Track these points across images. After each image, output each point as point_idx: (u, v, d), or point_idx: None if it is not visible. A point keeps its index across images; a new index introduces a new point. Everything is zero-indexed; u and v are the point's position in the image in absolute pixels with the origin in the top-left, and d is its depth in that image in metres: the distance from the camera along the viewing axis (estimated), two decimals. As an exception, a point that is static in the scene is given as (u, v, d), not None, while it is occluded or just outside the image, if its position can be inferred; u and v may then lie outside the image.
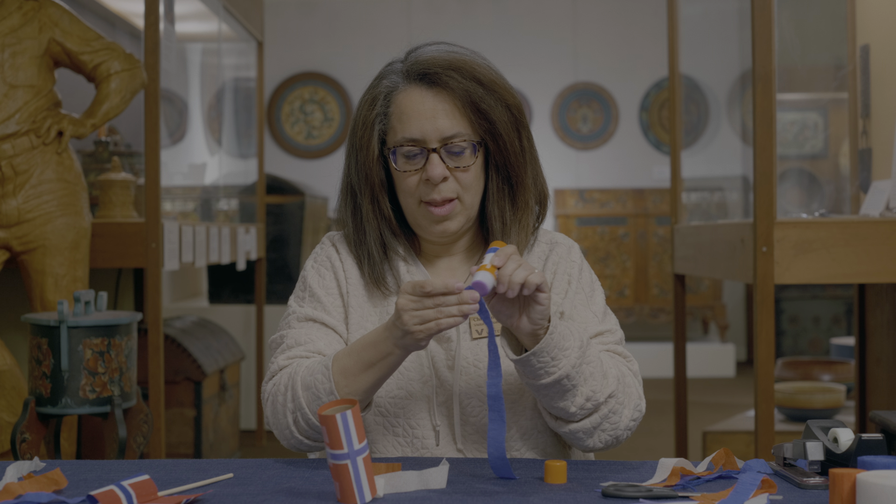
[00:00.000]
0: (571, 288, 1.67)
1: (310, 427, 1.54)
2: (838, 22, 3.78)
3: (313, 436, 1.55)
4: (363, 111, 1.64)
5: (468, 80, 1.58)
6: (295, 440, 1.56)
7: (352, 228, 1.68)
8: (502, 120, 1.60)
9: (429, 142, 1.58)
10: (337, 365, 1.51)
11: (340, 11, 8.37)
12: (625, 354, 1.63)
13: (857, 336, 3.67)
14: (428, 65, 1.60)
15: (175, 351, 4.14)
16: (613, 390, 1.53)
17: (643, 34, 8.27)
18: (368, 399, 1.55)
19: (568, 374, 1.47)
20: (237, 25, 5.19)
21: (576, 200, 7.84)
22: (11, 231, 3.07)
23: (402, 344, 1.46)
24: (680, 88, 4.03)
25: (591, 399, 1.51)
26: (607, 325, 1.66)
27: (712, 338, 8.07)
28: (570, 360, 1.47)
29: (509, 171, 1.63)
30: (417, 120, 1.58)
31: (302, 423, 1.54)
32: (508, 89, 1.62)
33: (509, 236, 1.65)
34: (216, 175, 5.59)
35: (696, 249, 3.52)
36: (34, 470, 1.43)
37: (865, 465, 1.26)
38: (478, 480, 1.41)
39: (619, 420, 1.55)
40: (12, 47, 3.08)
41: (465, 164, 1.59)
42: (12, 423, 2.99)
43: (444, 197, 1.59)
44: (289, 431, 1.56)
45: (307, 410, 1.52)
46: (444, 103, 1.59)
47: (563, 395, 1.50)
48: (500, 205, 1.65)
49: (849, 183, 3.67)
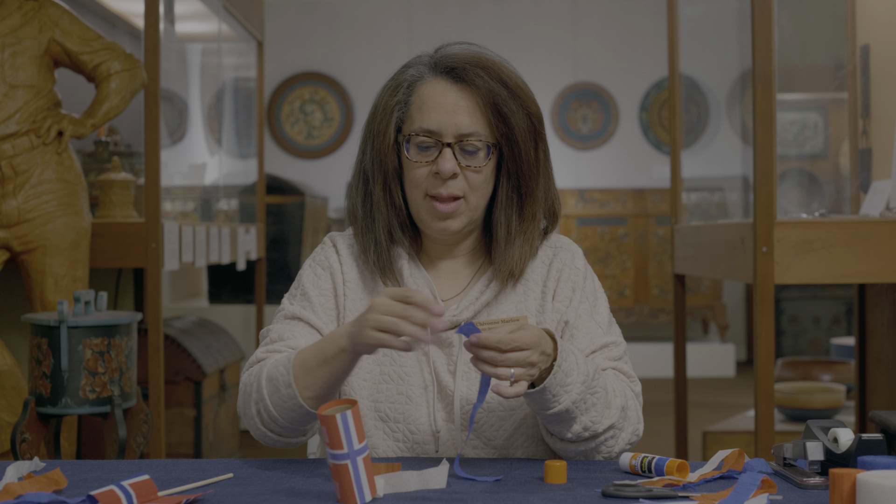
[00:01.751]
0: (576, 296, 1.65)
1: (271, 419, 1.52)
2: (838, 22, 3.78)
3: (275, 428, 1.53)
4: (384, 97, 1.63)
5: (494, 80, 1.58)
6: (259, 432, 1.55)
7: (361, 215, 1.66)
8: (521, 126, 1.59)
9: (444, 135, 1.57)
10: (299, 358, 1.49)
11: (340, 11, 8.37)
12: (629, 374, 1.62)
13: (857, 336, 3.67)
14: (457, 60, 1.59)
15: (175, 351, 4.14)
16: (614, 422, 1.52)
17: (643, 34, 8.27)
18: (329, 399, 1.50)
19: (568, 408, 1.47)
20: (237, 25, 5.19)
21: (576, 200, 7.84)
22: (11, 231, 3.07)
23: (354, 342, 1.42)
24: (680, 88, 4.03)
25: (589, 429, 1.51)
26: (612, 337, 1.65)
27: (712, 338, 8.07)
28: (572, 395, 1.46)
29: (520, 180, 1.62)
30: (437, 112, 1.57)
31: (264, 414, 1.52)
32: (532, 98, 1.61)
33: (512, 246, 1.63)
34: (216, 175, 5.59)
35: (696, 249, 3.52)
36: (34, 470, 1.43)
37: (865, 465, 1.26)
38: (479, 480, 1.41)
39: (614, 444, 1.55)
40: (12, 47, 3.08)
41: (477, 165, 1.58)
42: (12, 423, 2.99)
43: (450, 193, 1.58)
44: (253, 423, 1.55)
45: (268, 402, 1.50)
46: (466, 100, 1.58)
47: (561, 423, 1.50)
48: (507, 213, 1.63)
49: (849, 183, 3.67)
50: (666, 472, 1.40)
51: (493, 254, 1.65)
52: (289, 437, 1.55)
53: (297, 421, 1.51)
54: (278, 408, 1.50)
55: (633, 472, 1.45)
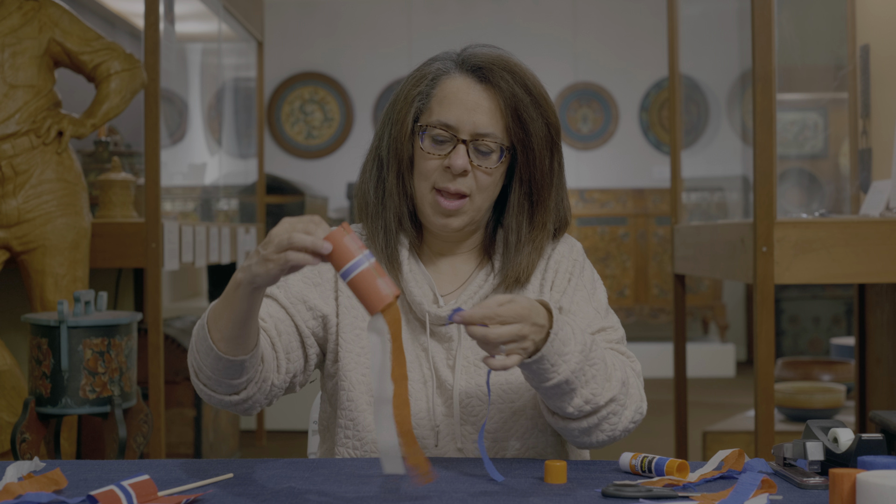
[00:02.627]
0: (571, 285, 1.66)
1: (200, 370, 1.50)
2: (838, 22, 3.78)
3: (206, 381, 1.51)
4: (407, 87, 1.64)
5: (518, 85, 1.59)
6: (198, 388, 1.53)
7: (372, 200, 1.66)
8: (539, 134, 1.60)
9: (461, 132, 1.58)
10: (212, 306, 1.48)
11: (340, 11, 8.37)
12: (627, 354, 1.62)
13: (857, 336, 3.67)
14: (484, 60, 1.61)
15: (175, 351, 4.14)
16: (615, 394, 1.51)
17: (643, 34, 8.27)
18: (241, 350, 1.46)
19: (567, 378, 1.45)
20: (237, 25, 5.19)
21: (576, 200, 7.84)
22: (11, 231, 3.07)
23: (248, 273, 1.36)
24: (680, 88, 4.03)
25: (591, 402, 1.49)
26: (609, 322, 1.65)
27: (712, 338, 8.07)
28: (571, 365, 1.44)
29: (532, 188, 1.62)
30: (457, 108, 1.58)
31: (195, 367, 1.51)
32: (552, 108, 1.63)
33: (521, 253, 1.63)
34: (216, 175, 5.59)
35: (696, 249, 3.52)
36: (34, 470, 1.43)
37: (865, 465, 1.26)
38: (478, 480, 1.41)
39: (618, 422, 1.53)
40: (12, 47, 3.08)
41: (489, 166, 1.58)
42: (12, 423, 2.99)
43: (458, 189, 1.58)
44: (195, 381, 1.54)
45: (196, 353, 1.49)
46: (487, 101, 1.59)
47: (562, 397, 1.48)
48: (518, 219, 1.63)
49: (849, 183, 3.67)
50: (666, 472, 1.40)
51: (503, 259, 1.65)
52: (221, 392, 1.52)
53: (219, 370, 1.48)
54: (202, 356, 1.48)
55: (633, 472, 1.45)
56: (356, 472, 1.45)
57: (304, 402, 5.44)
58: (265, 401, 1.58)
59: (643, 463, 1.43)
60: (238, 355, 1.45)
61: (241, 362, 1.46)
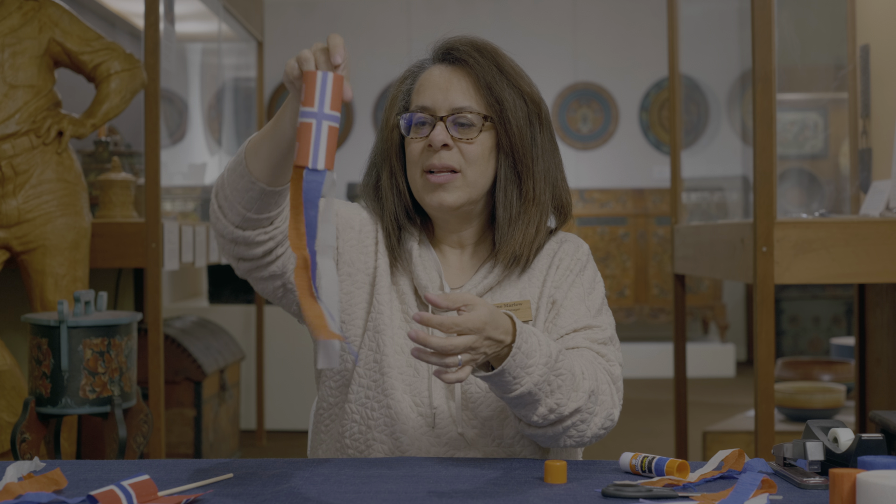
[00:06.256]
0: (568, 281, 1.68)
1: (226, 200, 1.49)
2: (838, 22, 3.78)
3: (229, 214, 1.50)
4: (394, 89, 1.72)
5: (488, 61, 1.64)
6: (218, 222, 1.51)
7: (372, 201, 1.71)
8: (513, 106, 1.63)
9: (438, 110, 1.63)
10: (250, 139, 1.49)
11: (340, 11, 8.37)
12: (608, 357, 1.62)
13: (857, 336, 3.67)
14: (453, 44, 1.67)
15: (175, 351, 4.14)
16: (581, 405, 1.51)
17: (643, 34, 8.27)
18: (276, 179, 1.47)
19: (530, 390, 1.45)
20: (237, 25, 5.19)
21: (576, 200, 7.84)
22: (11, 231, 3.07)
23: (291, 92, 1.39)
24: (680, 88, 4.03)
25: (555, 412, 1.49)
26: (598, 322, 1.66)
27: (712, 338, 8.07)
28: (534, 377, 1.44)
29: (515, 158, 1.65)
30: (432, 90, 1.64)
31: (221, 196, 1.50)
32: (527, 80, 1.67)
33: (515, 227, 1.65)
34: (216, 175, 5.58)
35: (696, 249, 3.52)
36: (34, 470, 1.43)
37: (865, 465, 1.26)
38: (478, 480, 1.41)
39: (586, 429, 1.54)
40: (12, 47, 3.08)
41: (470, 137, 1.62)
42: (12, 423, 2.99)
43: (444, 164, 1.61)
44: (216, 215, 1.52)
45: (225, 181, 1.49)
46: (460, 80, 1.64)
47: (525, 406, 1.49)
48: (507, 192, 1.65)
49: (849, 183, 3.67)
50: (666, 472, 1.40)
51: (497, 236, 1.67)
52: (242, 226, 1.50)
53: (247, 199, 1.47)
54: (231, 184, 1.48)
55: (633, 472, 1.45)
56: (356, 472, 1.45)
57: (304, 402, 5.44)
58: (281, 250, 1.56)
59: (643, 463, 1.43)
60: (277, 185, 1.47)
61: (280, 192, 1.48)
